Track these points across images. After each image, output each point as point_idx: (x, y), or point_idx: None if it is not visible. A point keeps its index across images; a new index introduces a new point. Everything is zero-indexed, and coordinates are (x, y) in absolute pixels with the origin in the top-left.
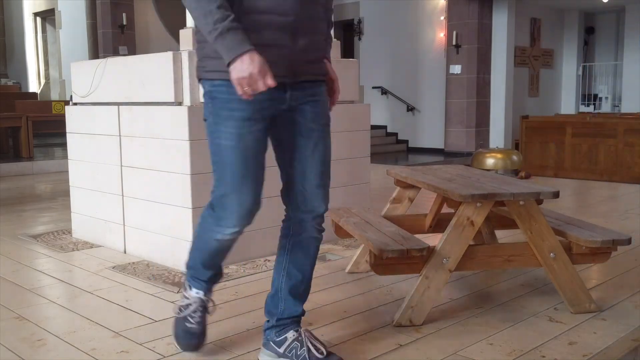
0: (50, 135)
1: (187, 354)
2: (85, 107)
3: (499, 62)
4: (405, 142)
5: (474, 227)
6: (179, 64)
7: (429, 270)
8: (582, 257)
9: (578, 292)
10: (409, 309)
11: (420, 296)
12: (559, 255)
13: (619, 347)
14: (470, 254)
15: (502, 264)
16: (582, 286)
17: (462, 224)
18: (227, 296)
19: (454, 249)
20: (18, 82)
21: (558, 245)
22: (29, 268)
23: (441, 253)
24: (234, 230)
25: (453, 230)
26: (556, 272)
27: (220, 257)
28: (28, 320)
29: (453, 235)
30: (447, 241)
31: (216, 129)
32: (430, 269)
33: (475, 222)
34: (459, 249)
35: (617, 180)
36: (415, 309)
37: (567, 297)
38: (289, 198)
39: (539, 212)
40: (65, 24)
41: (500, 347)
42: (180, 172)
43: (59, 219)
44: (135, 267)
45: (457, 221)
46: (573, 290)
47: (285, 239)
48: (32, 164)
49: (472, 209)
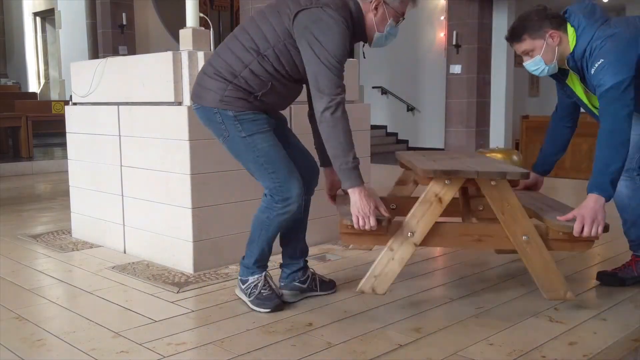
0: (50, 135)
1: (186, 353)
2: (85, 107)
3: (499, 62)
4: (405, 142)
5: (441, 204)
6: (179, 64)
7: (394, 242)
8: (559, 244)
9: (552, 279)
10: (372, 277)
11: (383, 267)
12: (533, 238)
13: (620, 347)
14: (439, 230)
15: (472, 244)
16: (557, 273)
17: (429, 200)
18: (227, 296)
19: (420, 224)
20: (18, 82)
21: (532, 229)
22: (28, 268)
23: (406, 227)
24: (299, 204)
25: (420, 205)
26: (529, 256)
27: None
28: (28, 321)
29: (420, 210)
30: (413, 215)
31: (252, 139)
32: (396, 241)
33: (443, 199)
34: (424, 224)
35: None
36: (379, 278)
37: (540, 282)
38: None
39: (512, 193)
40: (65, 23)
41: (500, 347)
42: (180, 172)
43: (58, 219)
44: (135, 267)
45: (424, 197)
46: (547, 276)
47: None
48: (31, 164)
49: (440, 186)
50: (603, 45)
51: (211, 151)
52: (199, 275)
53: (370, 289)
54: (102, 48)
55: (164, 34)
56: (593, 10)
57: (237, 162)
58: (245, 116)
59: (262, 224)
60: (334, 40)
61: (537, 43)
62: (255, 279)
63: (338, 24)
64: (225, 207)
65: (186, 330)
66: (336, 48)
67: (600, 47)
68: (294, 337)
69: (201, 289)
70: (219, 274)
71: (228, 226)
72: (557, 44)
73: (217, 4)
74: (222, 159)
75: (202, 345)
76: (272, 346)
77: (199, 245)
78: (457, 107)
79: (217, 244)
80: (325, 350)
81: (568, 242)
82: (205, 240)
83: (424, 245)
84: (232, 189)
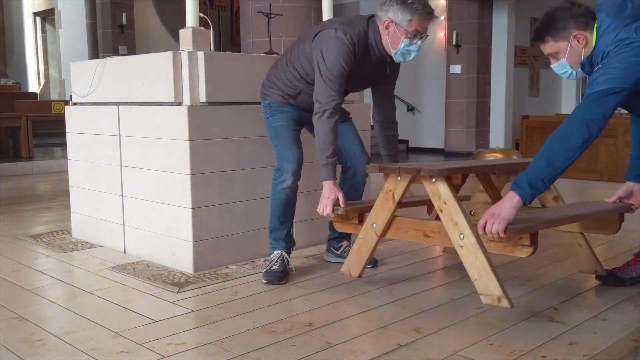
0: (50, 135)
1: (186, 353)
2: (85, 107)
3: (499, 62)
4: (405, 142)
5: (394, 199)
6: (179, 64)
7: (362, 231)
8: (498, 246)
9: (487, 282)
10: (348, 261)
11: (356, 252)
12: (468, 238)
13: (620, 347)
14: (399, 223)
15: (422, 239)
16: (492, 277)
17: (386, 195)
18: (227, 296)
19: (380, 217)
20: (18, 82)
21: (467, 229)
22: (28, 268)
23: (370, 219)
24: (292, 180)
25: (379, 200)
26: (464, 256)
27: (289, 210)
28: (28, 321)
29: (378, 205)
30: (374, 209)
31: (273, 119)
32: (364, 230)
33: (396, 194)
34: (383, 217)
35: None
36: (352, 262)
37: (476, 283)
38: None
39: (449, 191)
40: (65, 23)
41: (501, 347)
42: (180, 172)
43: (58, 219)
44: (135, 267)
45: (382, 192)
46: (481, 278)
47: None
48: (31, 164)
49: (393, 182)
50: (618, 53)
51: (211, 151)
52: (199, 275)
53: (348, 271)
54: (102, 48)
55: (164, 33)
56: (623, 5)
57: (237, 162)
58: (273, 103)
59: (271, 198)
60: (332, 57)
61: (561, 45)
62: (274, 255)
63: (340, 44)
64: (225, 207)
65: (186, 330)
66: (332, 64)
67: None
68: (294, 337)
69: (201, 289)
70: (219, 274)
71: (228, 226)
72: (582, 46)
73: (217, 4)
74: (222, 159)
75: (202, 346)
76: (272, 346)
77: (199, 245)
78: (457, 107)
79: (217, 244)
80: (325, 350)
81: (508, 246)
82: (205, 240)
83: (384, 236)
84: (232, 189)
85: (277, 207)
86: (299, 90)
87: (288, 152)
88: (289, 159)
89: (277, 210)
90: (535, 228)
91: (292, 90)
